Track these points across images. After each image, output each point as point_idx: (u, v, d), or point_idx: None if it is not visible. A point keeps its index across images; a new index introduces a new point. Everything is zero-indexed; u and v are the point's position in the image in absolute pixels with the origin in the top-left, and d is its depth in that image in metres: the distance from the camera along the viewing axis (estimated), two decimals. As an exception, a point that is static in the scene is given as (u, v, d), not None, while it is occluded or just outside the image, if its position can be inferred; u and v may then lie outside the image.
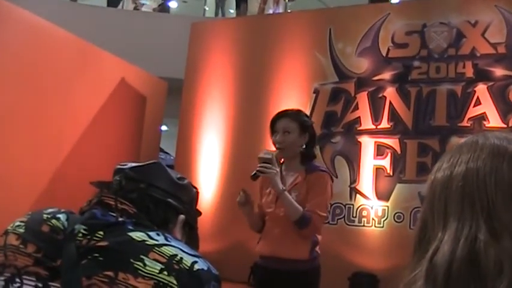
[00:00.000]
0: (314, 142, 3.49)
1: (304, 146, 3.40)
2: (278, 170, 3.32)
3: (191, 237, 1.48)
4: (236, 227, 6.61)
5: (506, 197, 0.84)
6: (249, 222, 3.53)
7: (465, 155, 0.90)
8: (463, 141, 0.95)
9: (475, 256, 0.80)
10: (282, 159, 3.49)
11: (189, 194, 1.51)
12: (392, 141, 6.24)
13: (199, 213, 1.56)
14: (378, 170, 6.24)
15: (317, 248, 3.33)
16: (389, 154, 6.23)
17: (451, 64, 6.15)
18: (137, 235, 1.26)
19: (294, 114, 3.51)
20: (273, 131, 3.44)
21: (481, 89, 5.96)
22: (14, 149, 5.65)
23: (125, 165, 1.46)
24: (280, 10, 11.16)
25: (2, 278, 1.26)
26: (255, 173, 3.27)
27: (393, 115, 6.29)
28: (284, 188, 3.25)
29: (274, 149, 3.43)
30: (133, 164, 1.46)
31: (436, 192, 0.90)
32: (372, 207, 6.18)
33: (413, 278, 0.86)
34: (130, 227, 1.28)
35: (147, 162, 1.47)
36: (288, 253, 3.28)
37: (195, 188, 1.56)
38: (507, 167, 0.85)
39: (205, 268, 1.26)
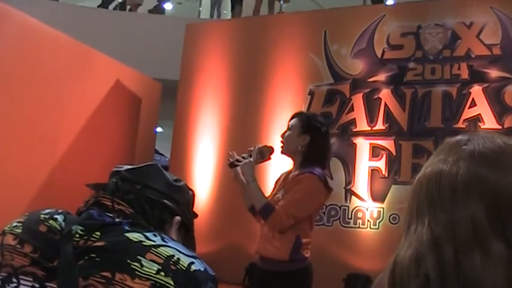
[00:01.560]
0: (316, 147, 3.45)
1: (303, 147, 3.40)
2: (252, 160, 3.37)
3: (187, 240, 1.48)
4: (231, 228, 6.63)
5: (446, 197, 0.84)
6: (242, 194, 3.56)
7: (428, 159, 0.92)
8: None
9: (420, 261, 0.81)
10: (288, 156, 3.52)
11: (185, 195, 1.52)
12: (387, 143, 6.25)
13: (196, 216, 1.56)
14: (373, 172, 6.25)
15: (303, 251, 3.31)
16: (384, 155, 6.23)
17: (446, 65, 6.17)
18: (134, 236, 1.26)
19: (302, 115, 3.55)
20: None
21: (476, 90, 5.97)
22: (9, 150, 5.63)
23: (121, 167, 1.47)
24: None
25: (-1, 278, 1.26)
26: (232, 162, 3.40)
27: (388, 116, 6.30)
28: (253, 178, 3.30)
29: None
30: (130, 166, 1.47)
31: (408, 197, 0.93)
32: (367, 209, 6.19)
33: (382, 277, 0.88)
34: (127, 228, 1.29)
35: (144, 164, 1.48)
36: (268, 252, 3.33)
37: (191, 190, 1.56)
38: (448, 168, 0.86)
39: (202, 269, 1.27)
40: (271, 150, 3.50)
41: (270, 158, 3.53)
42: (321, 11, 9.10)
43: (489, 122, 5.84)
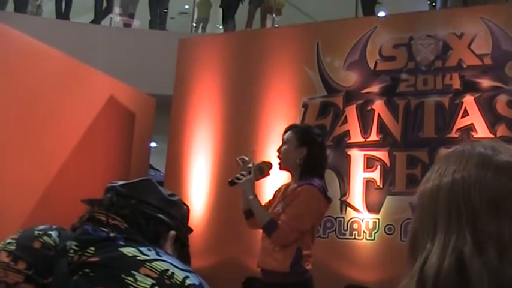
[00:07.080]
0: (314, 158, 3.47)
1: (301, 160, 3.42)
2: (252, 177, 3.39)
3: (182, 255, 1.48)
4: (228, 242, 6.60)
5: (490, 208, 0.84)
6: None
7: (452, 165, 0.91)
8: (451, 151, 0.96)
9: (461, 268, 0.81)
10: (285, 170, 3.53)
11: (180, 210, 1.52)
12: (381, 154, 6.25)
13: (191, 230, 1.56)
14: (368, 183, 6.24)
15: (304, 263, 3.32)
16: (378, 167, 6.23)
17: (438, 76, 6.19)
18: (128, 250, 1.26)
19: (297, 127, 3.58)
20: None
21: (469, 100, 6.00)
22: (2, 167, 5.61)
23: (116, 183, 1.47)
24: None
25: (-7, 295, 1.26)
26: (232, 180, 3.46)
27: (382, 128, 6.31)
28: (254, 195, 3.32)
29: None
30: (124, 182, 1.47)
31: (424, 204, 0.91)
32: (362, 220, 6.18)
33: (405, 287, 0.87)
34: (121, 243, 1.28)
35: (138, 179, 1.49)
36: (269, 265, 3.34)
37: (186, 205, 1.56)
38: (491, 177, 0.86)
39: (197, 283, 1.26)
40: (270, 165, 3.52)
41: (269, 174, 3.55)
42: (313, 24, 9.13)
43: (482, 131, 5.86)
